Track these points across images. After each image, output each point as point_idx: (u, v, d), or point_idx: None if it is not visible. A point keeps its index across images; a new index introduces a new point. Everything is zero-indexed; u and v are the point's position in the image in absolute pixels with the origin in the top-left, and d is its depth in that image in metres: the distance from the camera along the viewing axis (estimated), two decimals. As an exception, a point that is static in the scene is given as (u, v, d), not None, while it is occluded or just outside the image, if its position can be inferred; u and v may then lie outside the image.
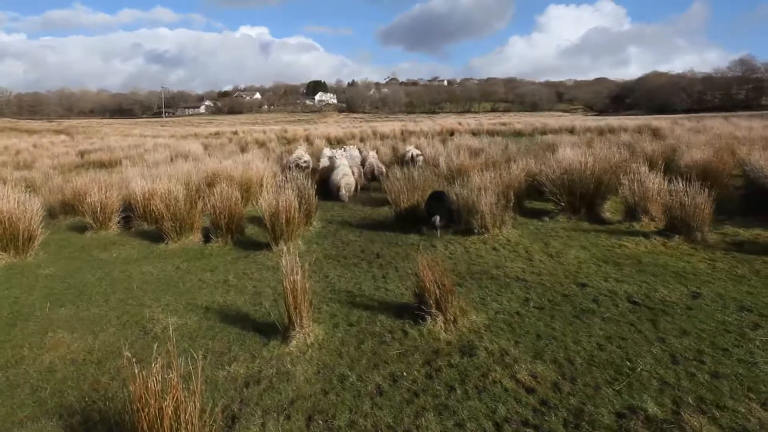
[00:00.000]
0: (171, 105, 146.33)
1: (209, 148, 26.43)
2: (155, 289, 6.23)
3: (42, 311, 5.64)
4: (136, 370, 3.05)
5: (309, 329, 4.60)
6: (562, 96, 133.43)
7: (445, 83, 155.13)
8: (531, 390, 3.59)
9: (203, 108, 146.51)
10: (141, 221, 9.54)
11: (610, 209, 8.76)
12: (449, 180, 9.89)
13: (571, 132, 28.88)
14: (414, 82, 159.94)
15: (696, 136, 16.86)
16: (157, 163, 16.88)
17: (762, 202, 8.29)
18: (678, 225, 7.11)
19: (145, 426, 3.03)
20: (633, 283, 5.52)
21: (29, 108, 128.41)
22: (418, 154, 15.08)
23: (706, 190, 7.06)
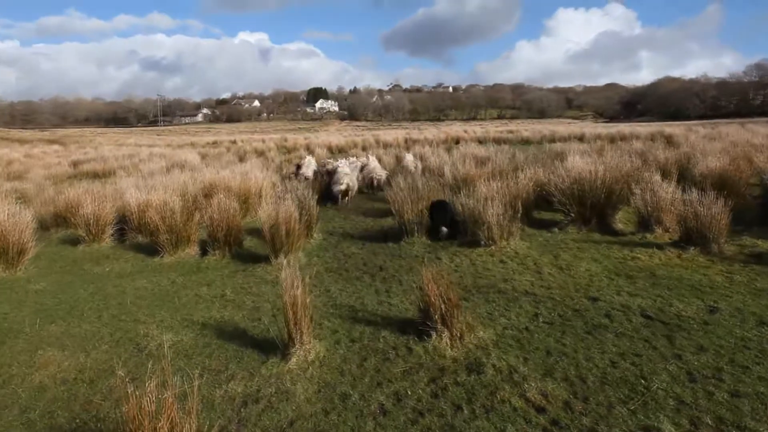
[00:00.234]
0: (167, 113, 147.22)
1: (206, 157, 26.53)
2: (150, 305, 6.23)
3: (32, 328, 5.64)
4: (129, 389, 3.04)
5: (309, 346, 4.59)
6: (571, 102, 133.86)
7: (450, 90, 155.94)
8: (541, 409, 3.56)
9: (200, 116, 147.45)
10: (136, 234, 9.55)
11: (622, 220, 8.73)
12: (454, 190, 9.89)
13: (581, 140, 28.85)
14: (418, 88, 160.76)
15: (711, 143, 16.83)
16: (153, 174, 16.93)
17: (781, 211, 8.26)
18: (693, 236, 7.08)
19: (139, 448, 3.02)
20: (647, 297, 5.49)
21: (22, 117, 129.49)
22: (411, 161, 15.93)
23: (722, 199, 7.03)
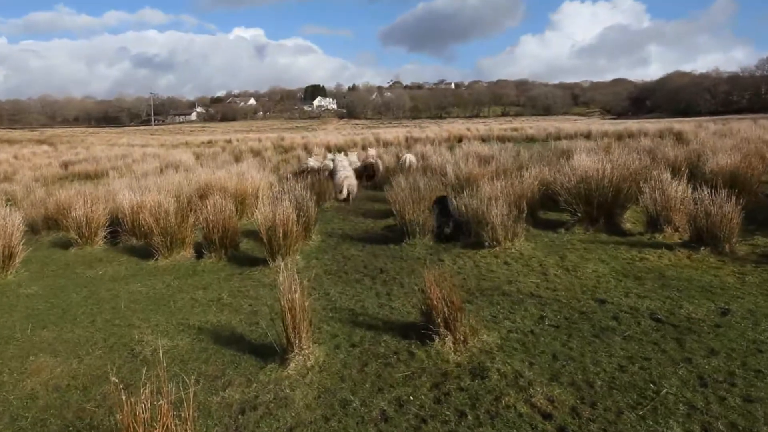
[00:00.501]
0: (160, 112, 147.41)
1: (201, 157, 26.58)
2: (144, 309, 6.25)
3: (23, 333, 5.65)
4: (123, 396, 3.05)
5: (309, 351, 4.60)
6: (577, 98, 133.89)
7: (452, 86, 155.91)
8: (548, 415, 3.57)
9: (195, 115, 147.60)
10: (129, 236, 9.57)
11: (630, 219, 8.74)
12: (457, 189, 9.90)
13: (588, 137, 28.91)
14: (419, 85, 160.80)
15: (722, 140, 16.83)
16: (146, 174, 16.97)
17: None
18: (704, 236, 7.09)
19: (134, 456, 3.03)
20: (656, 299, 5.50)
21: (9, 116, 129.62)
22: (410, 158, 16.62)
23: (733, 198, 7.02)
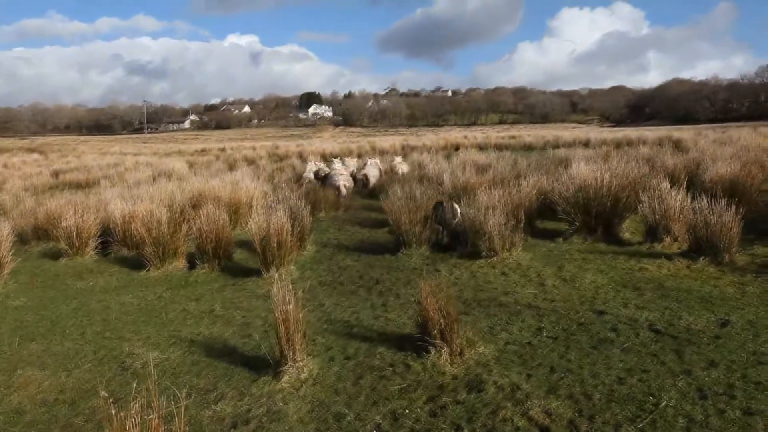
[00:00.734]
0: (153, 120, 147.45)
1: (195, 166, 26.60)
2: (135, 321, 6.23)
3: (11, 346, 5.63)
4: (112, 410, 3.04)
5: (302, 363, 4.59)
6: (575, 106, 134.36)
7: (450, 94, 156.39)
8: (545, 429, 3.57)
9: (188, 123, 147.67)
10: (120, 246, 9.55)
11: (629, 229, 8.77)
12: (454, 198, 9.92)
13: (586, 145, 29.06)
14: (416, 92, 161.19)
15: (721, 148, 16.91)
16: (138, 183, 16.97)
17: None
18: (703, 246, 7.11)
19: (123, 472, 3.01)
20: (655, 310, 5.51)
21: (0, 125, 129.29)
22: (401, 166, 17.71)
23: (733, 207, 7.05)
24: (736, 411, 3.61)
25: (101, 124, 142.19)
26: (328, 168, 16.99)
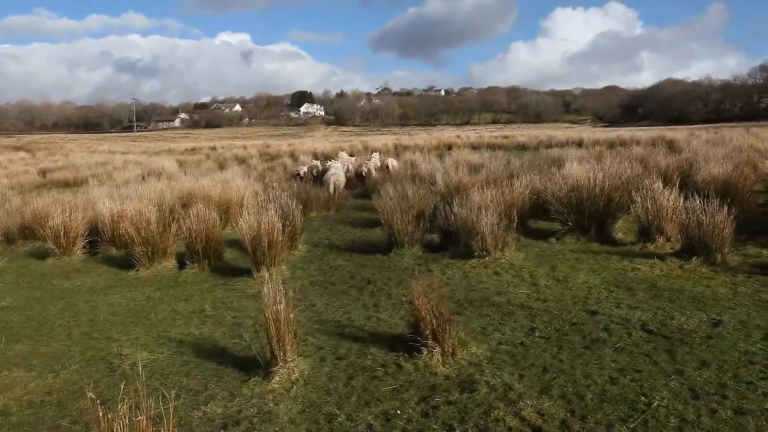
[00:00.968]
0: (143, 118, 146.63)
1: (185, 165, 26.52)
2: (124, 321, 6.20)
3: (-3, 347, 5.58)
4: (100, 412, 3.02)
5: (293, 364, 4.58)
6: (569, 106, 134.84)
7: (442, 93, 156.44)
8: (537, 429, 3.58)
9: (178, 121, 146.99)
10: (109, 246, 9.51)
11: (621, 229, 8.81)
12: (447, 198, 9.93)
13: (579, 145, 29.16)
14: (408, 92, 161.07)
15: (714, 148, 17.03)
16: (127, 182, 16.90)
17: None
18: (696, 246, 7.16)
19: (111, 474, 2.99)
20: (647, 310, 5.54)
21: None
22: (392, 163, 18.15)
23: (725, 207, 7.10)
24: (727, 411, 3.63)
25: (90, 122, 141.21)
26: (321, 165, 17.41)
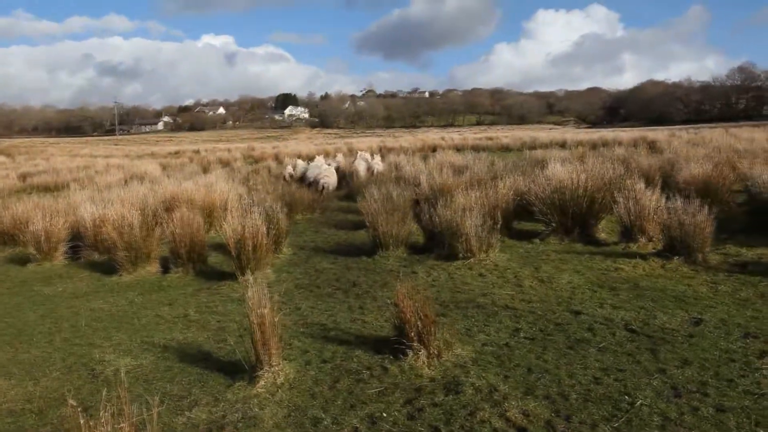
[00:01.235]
0: (125, 121, 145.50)
1: (168, 168, 26.32)
2: (106, 327, 6.13)
3: (-24, 355, 5.50)
4: (82, 419, 2.98)
5: (278, 368, 4.56)
6: (552, 107, 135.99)
7: (427, 95, 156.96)
8: (523, 429, 3.59)
9: (161, 124, 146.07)
10: (91, 251, 9.40)
11: (604, 229, 8.89)
12: (431, 200, 9.95)
13: (562, 146, 29.43)
14: (393, 93, 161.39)
15: (694, 149, 17.28)
16: (109, 187, 16.74)
17: (766, 219, 8.50)
18: (677, 245, 7.24)
19: (93, 483, 2.96)
20: (630, 310, 5.59)
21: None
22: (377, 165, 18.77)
23: (706, 207, 7.19)
24: (709, 408, 3.67)
25: (71, 125, 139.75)
26: (306, 165, 18.10)
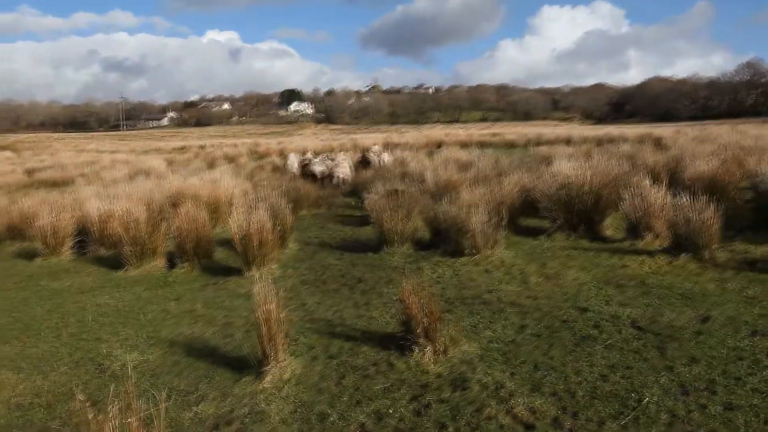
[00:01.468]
0: (131, 117, 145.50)
1: (173, 164, 26.34)
2: (113, 322, 6.15)
3: (-16, 349, 5.52)
4: (90, 414, 2.99)
5: (285, 363, 4.57)
6: (557, 104, 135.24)
7: (431, 91, 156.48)
8: (529, 426, 3.59)
9: (167, 120, 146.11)
10: (97, 246, 9.42)
11: (610, 226, 8.86)
12: (436, 196, 9.93)
13: (568, 143, 29.28)
14: (398, 89, 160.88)
15: (701, 145, 17.16)
16: (116, 182, 16.76)
17: (773, 216, 8.43)
18: (684, 242, 7.21)
19: (101, 477, 2.97)
20: (637, 307, 5.57)
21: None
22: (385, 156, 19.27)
23: (713, 204, 7.15)
24: (717, 406, 3.66)
25: (77, 121, 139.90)
26: (320, 160, 18.13)
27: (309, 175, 16.76)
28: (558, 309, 5.65)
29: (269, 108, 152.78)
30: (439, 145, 32.54)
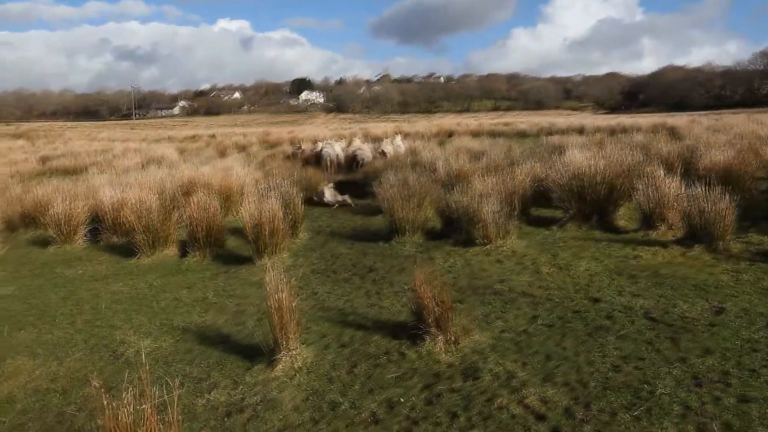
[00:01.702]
0: (142, 106, 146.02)
1: (185, 152, 26.40)
2: (126, 309, 6.21)
3: (0, 335, 5.59)
4: (105, 399, 3.02)
5: (297, 351, 4.59)
6: (570, 93, 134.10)
7: (442, 80, 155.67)
8: (541, 416, 3.59)
9: (177, 109, 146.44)
10: (110, 234, 9.50)
11: (623, 216, 8.80)
12: (448, 186, 9.91)
13: (580, 132, 29.01)
14: (408, 78, 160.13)
15: (715, 135, 16.97)
16: (128, 170, 16.84)
17: (789, 207, 8.34)
18: (698, 233, 7.15)
19: (116, 462, 3.01)
20: (650, 298, 5.54)
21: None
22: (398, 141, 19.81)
23: (727, 194, 7.08)
24: (731, 398, 3.63)
25: (89, 110, 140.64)
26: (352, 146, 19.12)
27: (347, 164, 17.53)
28: (570, 299, 5.63)
29: (279, 97, 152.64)
30: (450, 135, 32.38)
